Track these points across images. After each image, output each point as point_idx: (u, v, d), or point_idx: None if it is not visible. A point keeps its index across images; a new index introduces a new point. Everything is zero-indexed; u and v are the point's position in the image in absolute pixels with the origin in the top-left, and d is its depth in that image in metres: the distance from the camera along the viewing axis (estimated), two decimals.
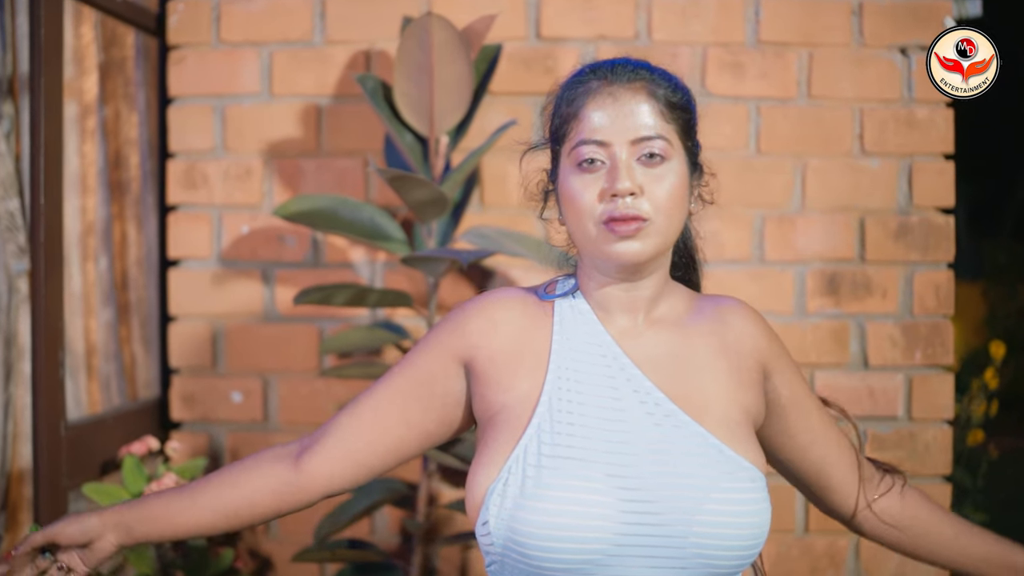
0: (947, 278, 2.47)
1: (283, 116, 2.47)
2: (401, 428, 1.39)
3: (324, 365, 2.47)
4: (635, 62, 1.37)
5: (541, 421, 1.29)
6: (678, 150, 1.34)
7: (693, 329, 1.39)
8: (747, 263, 2.46)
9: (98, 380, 2.53)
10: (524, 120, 2.44)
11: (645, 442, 1.28)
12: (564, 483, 1.24)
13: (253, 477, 1.40)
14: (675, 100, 1.35)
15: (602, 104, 1.31)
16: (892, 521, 1.50)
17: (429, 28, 2.03)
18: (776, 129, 2.46)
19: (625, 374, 1.33)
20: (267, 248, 2.47)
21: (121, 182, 2.60)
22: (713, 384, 1.36)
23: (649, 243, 1.29)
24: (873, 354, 2.46)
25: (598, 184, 1.29)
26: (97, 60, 2.53)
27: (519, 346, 1.35)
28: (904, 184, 2.47)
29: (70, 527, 1.36)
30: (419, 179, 1.96)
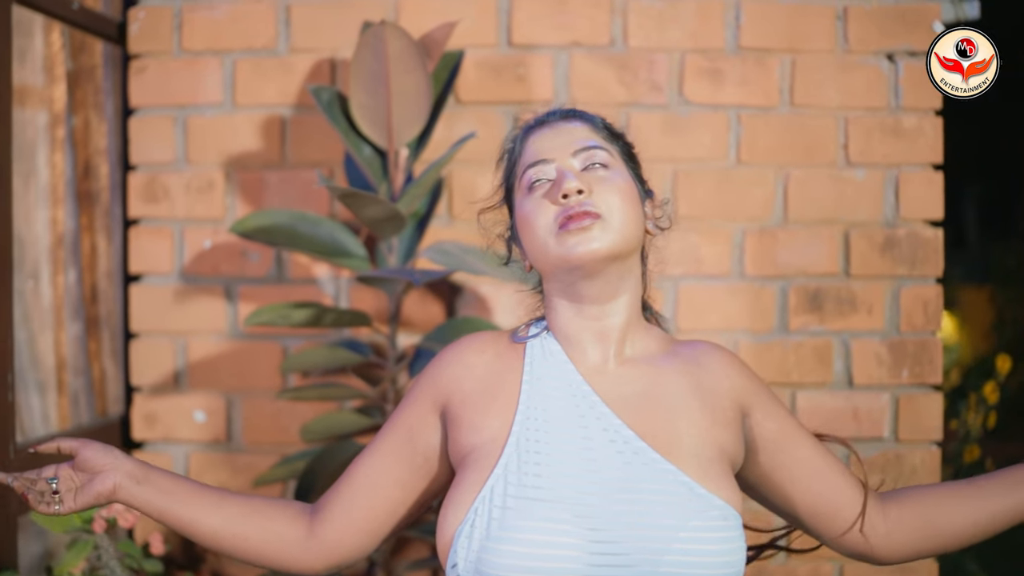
0: (935, 293, 2.37)
1: (246, 127, 2.39)
2: (396, 490, 1.41)
3: (288, 383, 2.39)
4: (573, 108, 1.46)
5: (508, 461, 1.28)
6: (621, 162, 1.39)
7: (666, 368, 1.38)
8: (727, 278, 2.37)
9: (67, 395, 2.48)
10: (495, 129, 2.36)
11: (613, 481, 1.27)
12: (530, 524, 1.23)
13: (276, 516, 1.41)
14: (613, 130, 1.43)
15: (542, 134, 1.39)
16: (902, 531, 1.43)
17: (384, 37, 1.94)
18: (757, 139, 2.37)
19: (594, 412, 1.32)
20: (230, 263, 2.39)
21: (90, 193, 2.54)
22: (685, 422, 1.33)
23: (605, 239, 1.29)
24: (858, 373, 2.36)
25: (549, 193, 1.33)
26: (66, 68, 2.47)
27: (491, 388, 1.36)
28: (891, 195, 2.37)
29: (94, 448, 1.35)
30: (370, 196, 1.89)
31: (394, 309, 2.19)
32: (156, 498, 1.36)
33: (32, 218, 2.41)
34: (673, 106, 2.37)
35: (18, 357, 2.30)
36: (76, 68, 2.51)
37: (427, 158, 2.30)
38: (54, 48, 2.44)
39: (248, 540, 1.39)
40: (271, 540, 1.40)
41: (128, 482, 1.34)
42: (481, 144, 2.34)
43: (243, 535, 1.39)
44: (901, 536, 1.43)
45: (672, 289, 2.37)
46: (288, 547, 1.40)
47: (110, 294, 2.57)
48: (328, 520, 1.40)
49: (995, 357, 3.57)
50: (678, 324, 2.37)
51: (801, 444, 1.41)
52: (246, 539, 1.39)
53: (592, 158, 1.35)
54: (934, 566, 2.38)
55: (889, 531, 1.42)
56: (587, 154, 1.35)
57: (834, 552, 1.43)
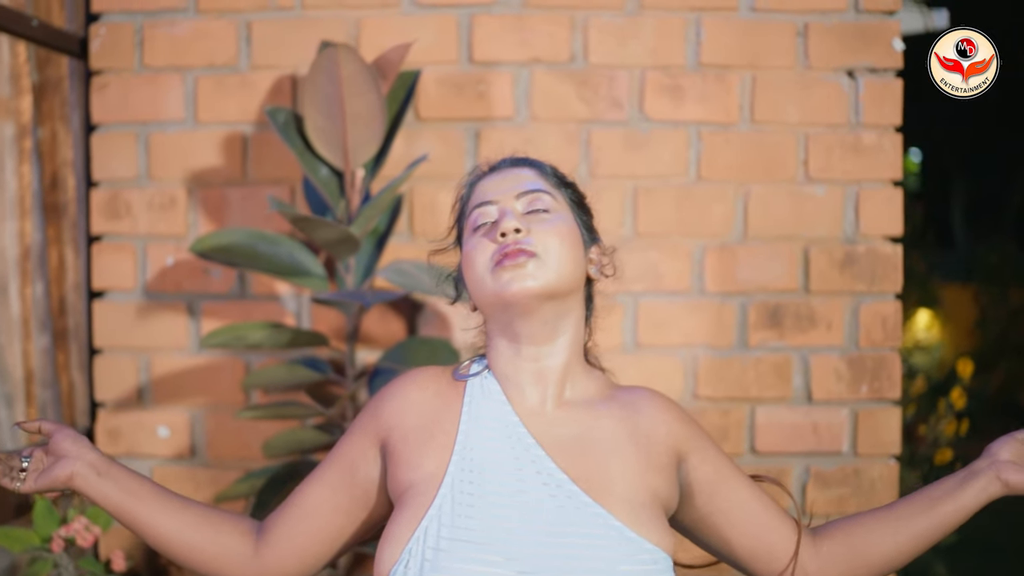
0: (895, 309, 2.39)
1: (208, 144, 2.40)
2: (337, 517, 1.43)
3: (251, 398, 2.41)
4: (524, 157, 1.48)
5: (443, 502, 1.30)
6: (565, 207, 1.40)
7: (604, 412, 1.39)
8: (687, 295, 2.38)
9: (36, 407, 2.49)
10: (455, 147, 2.37)
11: (545, 524, 1.28)
12: (461, 567, 1.24)
13: (229, 531, 1.43)
14: (561, 177, 1.44)
15: (490, 178, 1.42)
16: (833, 566, 1.45)
17: (337, 60, 1.95)
18: (717, 155, 2.38)
19: (529, 455, 1.33)
20: (192, 280, 2.40)
21: (57, 205, 2.55)
22: (620, 466, 1.34)
23: (540, 277, 1.31)
24: (817, 388, 2.38)
25: (489, 232, 1.36)
26: (32, 80, 2.47)
27: (429, 426, 1.38)
28: (850, 212, 2.38)
29: (65, 434, 1.38)
30: (322, 221, 1.90)
31: (352, 328, 2.20)
32: (114, 493, 1.37)
33: (0, 230, 2.42)
34: (633, 122, 2.38)
35: None
36: (42, 80, 2.51)
37: (387, 174, 2.31)
38: (20, 59, 2.45)
39: (198, 550, 1.41)
40: (220, 553, 1.41)
41: (88, 472, 1.36)
42: (442, 161, 2.36)
43: (195, 544, 1.40)
44: (834, 570, 1.44)
45: (632, 305, 2.38)
46: (234, 563, 1.42)
47: (78, 307, 2.58)
48: (272, 543, 1.42)
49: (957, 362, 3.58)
50: (638, 340, 2.38)
51: (737, 487, 1.43)
52: (197, 548, 1.40)
53: (536, 202, 1.37)
54: None
55: (821, 567, 1.44)
56: (531, 197, 1.37)
57: None
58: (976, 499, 1.41)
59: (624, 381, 2.27)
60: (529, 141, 2.36)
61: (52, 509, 2.12)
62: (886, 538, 1.43)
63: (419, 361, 2.09)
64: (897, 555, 1.43)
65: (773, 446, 2.38)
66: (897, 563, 1.44)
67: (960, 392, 3.46)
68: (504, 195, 1.37)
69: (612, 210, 2.38)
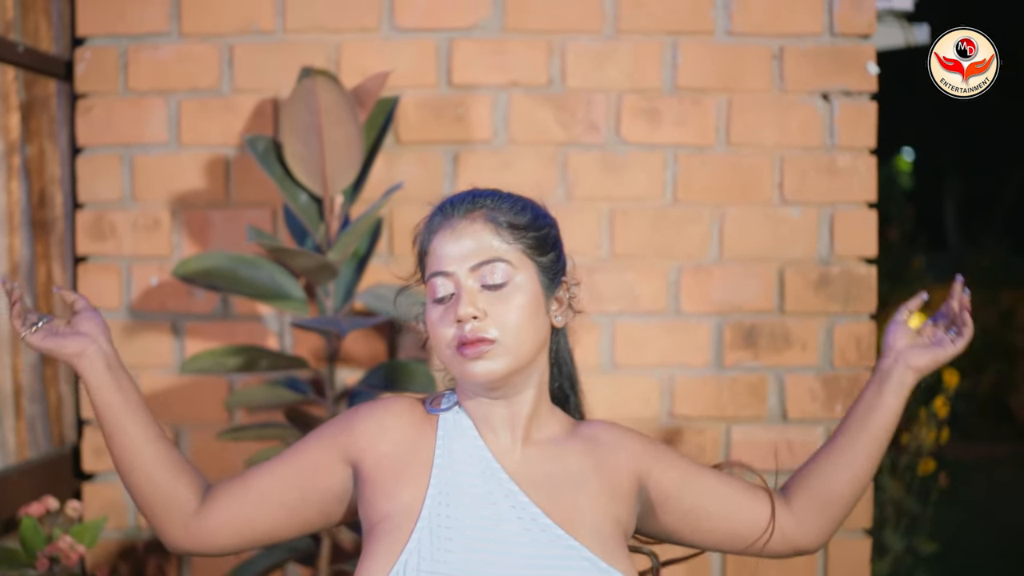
0: (869, 330, 2.42)
1: (191, 166, 2.43)
2: (280, 511, 1.46)
3: (234, 416, 2.45)
4: (479, 193, 1.45)
5: (421, 536, 1.34)
6: (525, 268, 1.40)
7: (568, 449, 1.46)
8: (662, 315, 2.42)
9: (25, 421, 2.53)
10: (435, 169, 2.41)
11: (521, 556, 1.34)
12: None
13: (187, 482, 1.45)
14: (518, 221, 1.42)
15: (444, 238, 1.40)
16: (809, 516, 1.52)
17: (315, 90, 1.99)
18: (693, 177, 2.42)
19: (503, 490, 1.39)
20: (176, 300, 2.44)
21: (45, 222, 2.58)
22: (587, 500, 1.41)
23: (500, 361, 1.36)
24: (792, 407, 2.42)
25: (450, 314, 1.37)
26: (19, 99, 2.50)
27: (404, 454, 1.42)
28: (825, 233, 2.42)
29: (94, 318, 1.44)
30: (298, 251, 1.94)
31: (331, 350, 2.23)
32: (111, 391, 1.41)
33: None
34: (610, 145, 2.41)
35: None
36: (30, 99, 2.54)
37: (367, 197, 2.35)
38: (8, 78, 2.48)
39: (154, 483, 1.42)
40: (170, 497, 1.43)
41: (97, 358, 1.40)
42: (421, 183, 2.39)
43: (155, 476, 1.42)
44: (810, 521, 1.52)
45: (609, 326, 2.41)
46: (176, 512, 1.44)
47: None
48: (214, 511, 1.45)
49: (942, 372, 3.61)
50: (615, 360, 2.41)
51: (702, 480, 1.49)
52: (154, 481, 1.42)
53: (490, 275, 1.37)
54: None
55: (799, 522, 1.51)
56: (485, 269, 1.37)
57: None
58: (898, 396, 1.50)
59: (601, 400, 2.34)
60: (507, 164, 2.40)
61: (38, 528, 2.16)
62: (840, 472, 1.51)
63: (398, 384, 2.12)
64: (856, 482, 1.51)
65: (749, 464, 2.41)
66: (860, 488, 1.52)
67: (943, 401, 3.50)
68: (459, 266, 1.37)
69: (589, 232, 2.41)
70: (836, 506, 1.52)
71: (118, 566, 2.47)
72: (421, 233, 1.47)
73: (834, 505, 1.52)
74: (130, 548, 2.48)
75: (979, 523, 5.29)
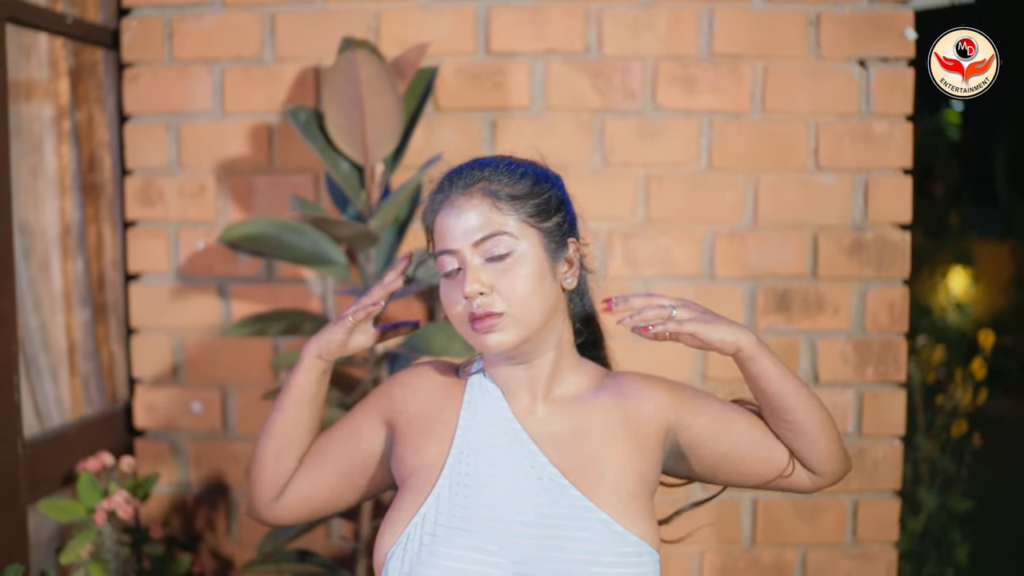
0: (901, 295, 2.44)
1: (235, 133, 2.49)
2: (335, 478, 1.57)
3: (279, 376, 2.53)
4: (479, 163, 1.46)
5: (441, 491, 1.41)
6: (527, 237, 1.42)
7: (594, 404, 1.48)
8: (697, 279, 2.45)
9: (79, 378, 2.63)
10: (473, 136, 2.44)
11: (536, 516, 1.38)
12: (455, 553, 1.35)
13: (285, 469, 1.56)
14: (518, 191, 1.43)
15: (447, 214, 1.43)
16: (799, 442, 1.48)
17: (356, 63, 2.03)
18: (728, 144, 2.43)
19: (524, 450, 1.44)
20: (222, 263, 2.51)
21: (95, 185, 2.66)
22: (610, 457, 1.43)
23: (510, 332, 1.40)
24: (824, 370, 2.45)
25: (458, 289, 1.41)
26: (68, 64, 2.57)
27: (433, 415, 1.50)
28: (860, 200, 2.43)
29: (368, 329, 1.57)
30: (340, 221, 1.99)
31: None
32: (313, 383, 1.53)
33: (41, 208, 2.53)
34: (646, 112, 2.43)
35: (31, 344, 2.45)
36: (78, 65, 2.60)
37: (408, 163, 2.40)
38: (56, 44, 2.54)
39: (278, 461, 1.55)
40: (279, 476, 1.55)
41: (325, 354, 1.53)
42: (461, 149, 2.43)
43: (283, 457, 1.54)
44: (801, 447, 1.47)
45: (644, 289, 2.45)
46: (273, 491, 1.56)
47: (116, 282, 2.70)
48: (289, 487, 1.56)
49: (978, 332, 3.60)
50: None
51: (734, 423, 1.49)
52: (280, 460, 1.54)
53: (494, 248, 1.39)
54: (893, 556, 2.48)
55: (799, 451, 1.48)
56: (488, 244, 1.39)
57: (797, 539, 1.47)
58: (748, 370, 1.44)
59: (637, 361, 2.39)
60: (544, 130, 2.43)
61: (95, 482, 2.26)
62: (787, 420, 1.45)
63: (436, 347, 2.17)
64: (808, 416, 1.44)
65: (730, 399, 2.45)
66: (816, 415, 1.45)
67: (981, 363, 3.49)
68: (462, 243, 1.40)
69: (624, 197, 2.44)
70: (819, 439, 1.46)
71: (169, 519, 2.57)
72: (426, 209, 1.49)
73: (790, 419, 1.45)
74: (181, 502, 2.58)
75: (1015, 480, 5.29)
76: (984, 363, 3.50)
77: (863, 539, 2.46)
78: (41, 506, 2.23)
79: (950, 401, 3.54)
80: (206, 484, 2.58)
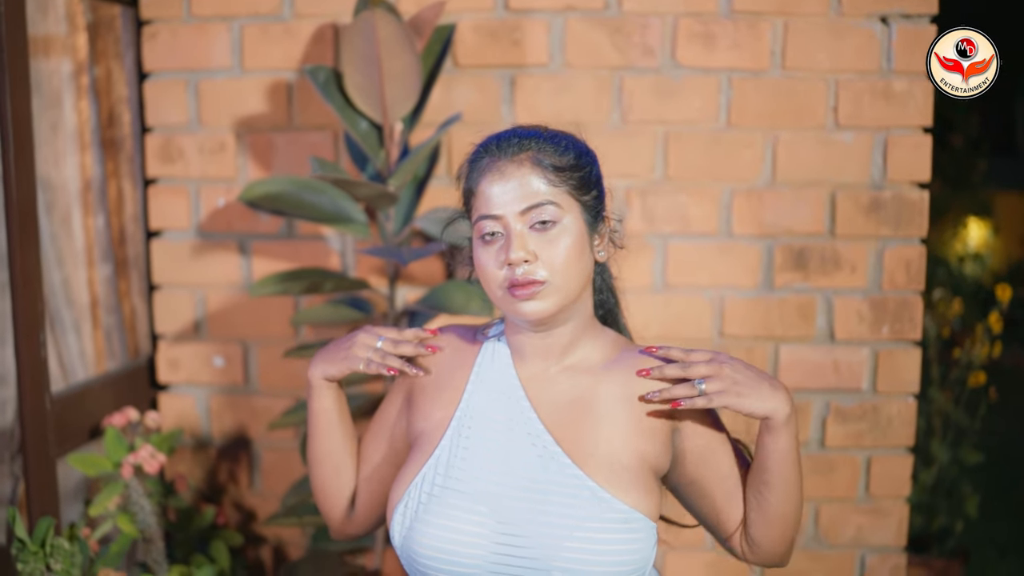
0: (919, 254, 2.44)
1: (254, 91, 2.49)
2: (385, 467, 1.64)
3: (300, 332, 2.56)
4: (524, 133, 1.47)
5: (442, 452, 1.47)
6: (571, 209, 1.44)
7: (604, 377, 1.50)
8: (714, 237, 2.46)
9: (102, 332, 2.67)
10: (492, 93, 2.44)
11: (526, 481, 1.43)
12: (448, 512, 1.42)
13: (345, 483, 1.66)
14: (563, 163, 1.44)
15: (492, 180, 1.43)
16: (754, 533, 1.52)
17: (374, 23, 2.02)
18: (747, 102, 2.42)
19: (523, 416, 1.47)
20: (243, 220, 2.53)
21: (114, 140, 2.67)
22: (607, 431, 1.45)
23: (550, 301, 1.42)
24: (840, 328, 2.47)
25: (499, 254, 1.42)
26: (86, 20, 2.57)
27: (443, 380, 1.55)
28: (879, 158, 2.42)
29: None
30: (359, 182, 2.01)
31: (392, 272, 2.32)
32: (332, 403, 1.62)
33: (62, 164, 2.55)
34: (665, 69, 2.42)
35: (54, 299, 2.48)
36: (96, 20, 2.60)
37: (427, 120, 2.40)
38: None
39: (333, 482, 1.64)
40: (342, 486, 1.65)
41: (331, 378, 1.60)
42: (479, 107, 2.44)
43: (338, 474, 1.64)
44: (759, 536, 1.51)
45: (661, 247, 2.46)
46: (340, 510, 1.66)
47: (137, 237, 2.72)
48: (356, 497, 1.66)
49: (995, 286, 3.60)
50: (667, 280, 2.47)
51: (719, 463, 1.51)
52: (335, 480, 1.64)
53: (539, 216, 1.40)
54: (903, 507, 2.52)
55: (750, 543, 1.53)
56: (534, 212, 1.40)
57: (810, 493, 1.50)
58: (763, 440, 1.44)
59: (653, 319, 2.41)
60: (563, 88, 2.42)
61: (121, 437, 2.30)
62: (763, 495, 1.48)
63: (455, 305, 2.20)
64: (780, 504, 1.47)
65: (795, 382, 2.48)
66: (789, 508, 1.48)
67: (998, 317, 3.50)
68: (508, 208, 1.40)
69: (643, 155, 2.44)
70: (777, 524, 1.49)
71: (193, 472, 2.62)
72: (466, 172, 1.50)
73: (776, 525, 1.49)
74: (203, 455, 2.63)
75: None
76: (1001, 317, 3.51)
77: (875, 494, 2.49)
78: (70, 460, 2.28)
79: (966, 356, 3.55)
80: (229, 438, 2.62)
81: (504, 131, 1.49)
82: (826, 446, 2.50)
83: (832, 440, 2.49)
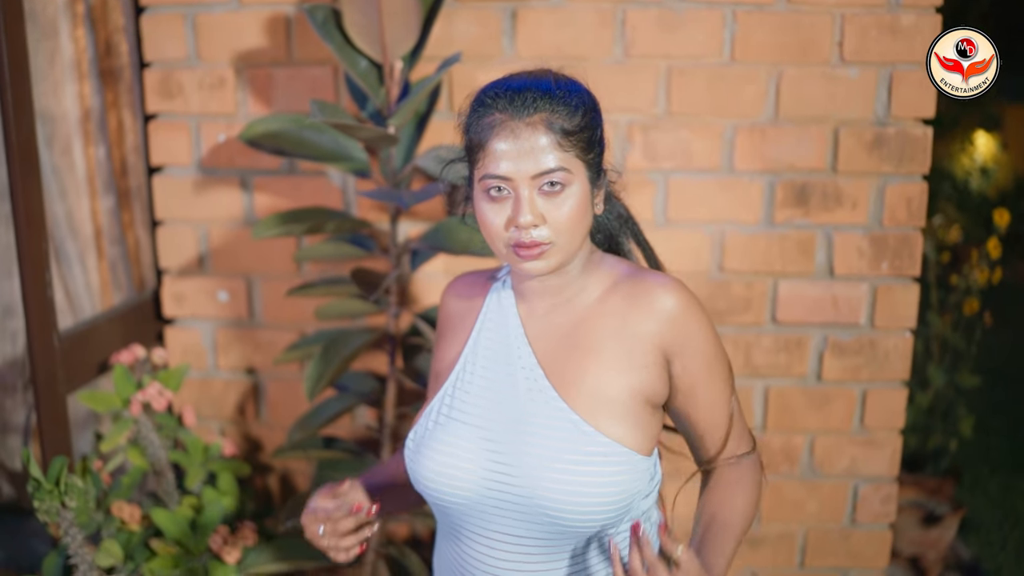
0: (920, 190, 2.44)
1: (253, 25, 2.46)
2: None
3: (302, 268, 2.57)
4: (536, 87, 1.42)
5: (448, 387, 1.57)
6: (578, 172, 1.44)
7: (598, 310, 1.52)
8: (716, 172, 2.46)
9: (107, 262, 2.68)
10: (493, 27, 2.41)
11: (517, 413, 1.49)
12: (448, 439, 1.51)
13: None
14: (573, 126, 1.42)
15: (504, 139, 1.40)
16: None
17: None
18: (752, 36, 2.39)
19: (519, 352, 1.54)
20: (244, 156, 2.53)
21: (112, 70, 2.65)
22: (595, 365, 1.48)
23: (553, 260, 1.44)
24: (839, 264, 2.48)
25: (504, 212, 1.41)
26: None
27: (456, 324, 1.64)
28: (883, 94, 2.40)
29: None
30: (361, 126, 2.00)
31: (394, 210, 2.32)
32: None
33: (60, 94, 2.53)
34: (668, 2, 2.39)
35: (58, 231, 2.49)
36: None
37: (428, 55, 2.37)
38: None
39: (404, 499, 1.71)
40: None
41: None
42: (480, 41, 2.41)
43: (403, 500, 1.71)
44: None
45: (663, 182, 2.46)
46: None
47: (138, 168, 2.72)
48: None
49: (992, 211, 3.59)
50: (668, 215, 2.48)
51: (705, 398, 1.53)
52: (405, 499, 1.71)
53: (549, 180, 1.39)
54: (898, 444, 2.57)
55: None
56: (544, 178, 1.39)
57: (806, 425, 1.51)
58: None
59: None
60: (565, 21, 2.39)
61: (129, 375, 2.34)
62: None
63: (458, 243, 2.20)
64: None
65: (793, 317, 2.50)
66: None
67: (996, 243, 3.50)
68: (519, 174, 1.39)
69: (645, 90, 2.42)
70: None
71: (199, 404, 2.67)
72: (471, 121, 1.45)
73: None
74: (209, 387, 2.67)
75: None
76: (999, 243, 3.52)
77: (870, 426, 2.54)
78: (80, 397, 2.32)
79: (964, 281, 3.57)
80: (234, 370, 2.66)
81: (514, 81, 1.45)
82: (823, 379, 2.53)
83: (829, 373, 2.53)
